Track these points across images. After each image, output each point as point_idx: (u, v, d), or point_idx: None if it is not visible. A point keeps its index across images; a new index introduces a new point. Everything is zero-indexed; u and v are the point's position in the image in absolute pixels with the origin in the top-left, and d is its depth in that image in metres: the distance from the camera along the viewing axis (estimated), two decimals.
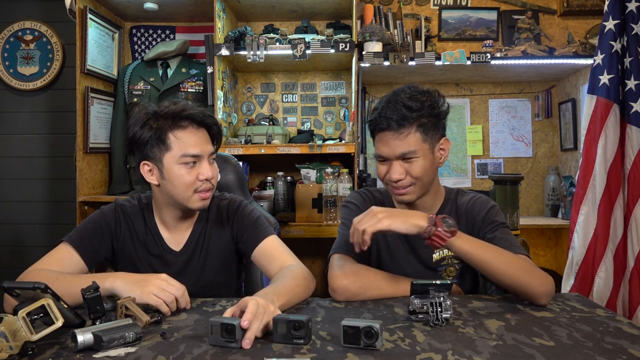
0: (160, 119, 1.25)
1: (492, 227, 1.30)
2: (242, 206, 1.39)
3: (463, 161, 3.19)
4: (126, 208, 1.37)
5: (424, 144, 1.26)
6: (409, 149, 1.24)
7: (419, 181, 1.27)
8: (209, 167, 1.27)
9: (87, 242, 1.28)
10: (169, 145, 1.24)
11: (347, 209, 1.41)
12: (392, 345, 0.88)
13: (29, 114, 3.20)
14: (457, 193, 1.40)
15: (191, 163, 1.25)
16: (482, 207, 1.34)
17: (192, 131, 1.26)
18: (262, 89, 3.22)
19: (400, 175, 1.25)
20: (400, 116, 1.23)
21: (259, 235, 1.33)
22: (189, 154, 1.24)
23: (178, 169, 1.25)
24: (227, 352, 0.85)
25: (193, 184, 1.25)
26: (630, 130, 2.05)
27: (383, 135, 1.27)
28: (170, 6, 2.90)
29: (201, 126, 1.29)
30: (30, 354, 0.84)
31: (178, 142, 1.24)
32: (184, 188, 1.25)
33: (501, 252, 1.17)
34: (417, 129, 1.25)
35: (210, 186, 1.28)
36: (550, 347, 0.87)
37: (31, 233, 3.19)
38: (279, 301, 1.03)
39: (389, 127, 1.24)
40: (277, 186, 2.87)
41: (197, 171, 1.26)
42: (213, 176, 1.28)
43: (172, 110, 1.26)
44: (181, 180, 1.25)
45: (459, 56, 2.66)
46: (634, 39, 2.04)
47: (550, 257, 2.97)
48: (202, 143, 1.27)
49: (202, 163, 1.27)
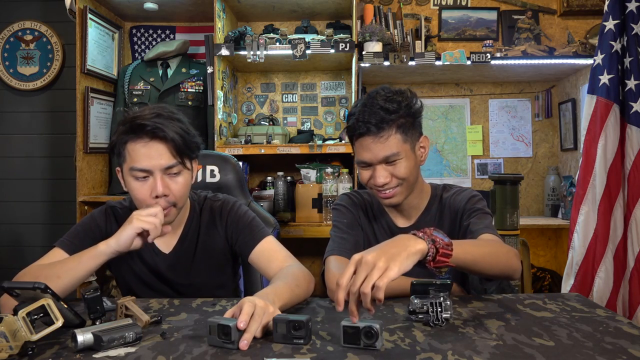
0: (122, 127, 1.20)
1: (470, 213, 1.30)
2: (236, 207, 1.37)
3: (463, 161, 3.19)
4: (117, 210, 1.36)
5: (405, 144, 1.26)
6: (391, 152, 1.24)
7: (405, 181, 1.27)
8: (162, 183, 1.18)
9: (79, 245, 1.26)
10: (124, 156, 1.20)
11: (337, 212, 1.42)
12: (392, 345, 0.88)
13: (29, 114, 3.20)
14: (442, 189, 1.41)
15: (141, 177, 1.19)
16: (464, 197, 1.35)
17: (142, 143, 1.17)
18: (262, 89, 3.23)
19: (385, 179, 1.25)
20: (379, 119, 1.22)
21: (255, 237, 1.31)
22: (136, 168, 1.18)
23: (131, 181, 1.20)
24: (227, 352, 0.85)
25: (145, 200, 1.19)
26: (630, 130, 2.05)
27: (363, 141, 1.25)
28: (170, 6, 2.90)
29: (154, 139, 1.17)
30: (30, 354, 0.84)
31: (129, 153, 1.19)
32: (138, 202, 1.22)
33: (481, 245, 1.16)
34: (397, 130, 1.24)
35: (164, 203, 1.19)
36: (550, 347, 0.87)
37: (31, 233, 3.19)
38: (279, 302, 1.02)
39: (369, 131, 1.23)
40: (277, 186, 2.87)
41: (149, 186, 1.19)
42: (170, 192, 1.19)
43: (129, 118, 1.20)
44: (134, 194, 1.21)
45: (459, 56, 2.66)
46: (634, 39, 2.04)
47: (550, 257, 2.97)
48: (154, 157, 1.17)
49: (154, 178, 1.18)
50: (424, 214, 1.38)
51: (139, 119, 1.17)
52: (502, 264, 1.13)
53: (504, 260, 1.14)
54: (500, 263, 1.13)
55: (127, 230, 1.11)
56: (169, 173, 1.20)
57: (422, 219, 1.37)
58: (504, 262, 1.14)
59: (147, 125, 1.16)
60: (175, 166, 1.20)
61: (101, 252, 1.12)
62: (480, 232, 1.23)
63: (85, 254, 1.13)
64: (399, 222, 1.39)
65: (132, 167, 1.18)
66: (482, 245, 1.16)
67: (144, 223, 1.11)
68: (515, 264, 1.15)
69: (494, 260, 1.12)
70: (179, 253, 1.35)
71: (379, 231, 1.40)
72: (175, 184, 1.21)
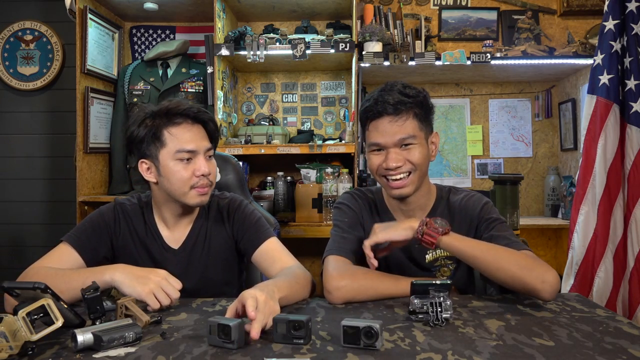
0: (155, 116, 1.26)
1: (487, 224, 1.28)
2: (243, 206, 1.39)
3: (463, 161, 3.19)
4: (126, 207, 1.37)
5: (420, 132, 1.25)
6: (407, 134, 1.22)
7: (418, 170, 1.25)
8: (205, 163, 1.26)
9: (86, 241, 1.28)
10: (164, 142, 1.25)
11: (338, 210, 1.39)
12: (392, 345, 0.88)
13: (29, 114, 3.20)
14: (449, 191, 1.39)
15: (186, 159, 1.25)
16: (476, 204, 1.32)
17: (187, 127, 1.26)
18: (262, 89, 3.22)
19: (398, 162, 1.23)
20: (398, 100, 1.22)
21: (260, 236, 1.33)
22: (184, 150, 1.24)
23: (174, 164, 1.25)
24: (227, 352, 0.85)
25: (189, 180, 1.25)
26: (630, 130, 2.05)
27: (379, 123, 1.24)
28: (170, 6, 2.90)
29: (196, 122, 1.28)
30: (30, 354, 0.84)
31: (172, 138, 1.25)
32: (181, 184, 1.25)
33: (495, 248, 1.16)
34: (414, 116, 1.24)
35: (207, 182, 1.27)
36: (550, 347, 0.87)
37: (31, 233, 3.19)
38: (279, 293, 1.04)
39: (385, 111, 1.22)
40: (277, 186, 2.87)
41: (193, 167, 1.25)
42: (210, 172, 1.28)
43: (167, 107, 1.26)
44: (177, 177, 1.25)
45: (459, 56, 2.66)
46: (634, 39, 2.04)
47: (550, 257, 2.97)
48: (197, 139, 1.27)
49: (198, 159, 1.26)
50: (430, 215, 1.34)
51: (180, 105, 1.26)
52: (513, 273, 1.10)
53: (518, 271, 1.10)
54: (510, 271, 1.10)
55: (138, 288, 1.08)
56: (207, 155, 1.29)
57: None
58: (515, 272, 1.10)
59: (190, 109, 1.26)
60: (211, 149, 1.31)
61: (105, 282, 1.11)
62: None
63: (90, 276, 1.11)
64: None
65: (180, 149, 1.24)
66: (491, 248, 1.15)
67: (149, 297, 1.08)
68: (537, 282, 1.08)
69: (502, 266, 1.11)
70: (188, 249, 1.35)
71: None
72: (212, 166, 1.30)
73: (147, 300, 1.07)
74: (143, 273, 1.12)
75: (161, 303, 1.08)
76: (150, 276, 1.11)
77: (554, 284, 1.10)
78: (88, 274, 1.13)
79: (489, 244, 1.20)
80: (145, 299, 1.07)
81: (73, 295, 1.08)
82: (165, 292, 1.10)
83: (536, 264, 1.12)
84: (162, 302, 1.08)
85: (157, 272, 1.13)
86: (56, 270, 1.17)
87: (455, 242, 1.14)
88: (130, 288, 1.09)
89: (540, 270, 1.10)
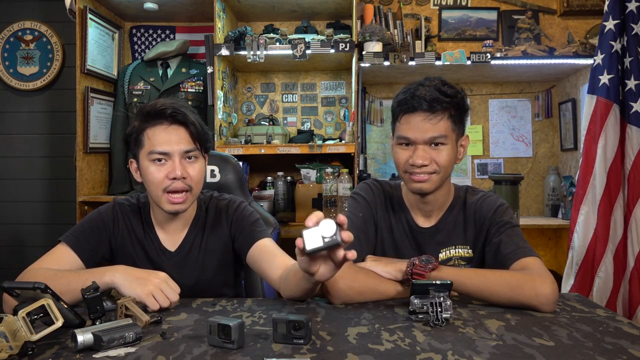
0: (138, 116, 1.26)
1: (497, 228, 1.26)
2: (242, 207, 1.39)
3: (463, 161, 3.19)
4: (125, 207, 1.36)
5: (453, 133, 1.23)
6: (439, 133, 1.20)
7: (443, 171, 1.23)
8: (180, 165, 1.22)
9: (84, 242, 1.27)
10: (142, 142, 1.24)
11: (354, 201, 1.36)
12: (392, 345, 0.88)
13: (29, 114, 3.20)
14: (466, 191, 1.36)
15: (160, 160, 1.23)
16: (489, 207, 1.30)
17: (163, 128, 1.23)
18: (262, 89, 3.23)
19: (425, 160, 1.21)
20: (435, 98, 1.20)
21: (255, 235, 1.32)
22: (155, 151, 1.22)
23: (148, 165, 1.24)
24: (227, 352, 0.85)
25: (161, 183, 1.22)
26: (630, 130, 2.05)
27: (411, 117, 1.22)
28: (170, 6, 2.90)
29: (174, 123, 1.24)
30: (30, 354, 0.84)
31: (149, 139, 1.23)
32: (154, 187, 1.24)
33: (483, 273, 1.15)
34: (449, 117, 1.22)
35: (182, 186, 1.23)
36: (550, 347, 0.87)
37: (31, 233, 3.19)
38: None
39: (420, 107, 1.20)
40: (277, 186, 2.87)
41: (166, 169, 1.23)
42: (188, 175, 1.23)
43: (146, 108, 1.25)
44: (150, 178, 1.24)
45: (459, 56, 2.66)
46: (634, 39, 2.04)
47: (550, 257, 2.97)
48: (173, 141, 1.23)
49: (172, 161, 1.23)
50: (446, 215, 1.33)
51: (158, 105, 1.23)
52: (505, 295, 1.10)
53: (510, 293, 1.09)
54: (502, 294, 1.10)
55: (137, 290, 1.08)
56: (187, 157, 1.25)
57: (443, 220, 1.33)
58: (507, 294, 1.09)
59: (167, 109, 1.22)
60: (193, 151, 1.25)
61: (105, 283, 1.11)
62: (515, 259, 1.18)
63: (90, 277, 1.11)
64: (420, 221, 1.34)
65: (152, 150, 1.22)
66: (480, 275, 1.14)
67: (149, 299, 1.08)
68: (533, 300, 1.07)
69: (494, 291, 1.11)
70: (184, 252, 1.35)
71: (397, 227, 1.34)
72: (192, 169, 1.25)
73: (146, 301, 1.07)
74: (143, 275, 1.12)
75: (160, 305, 1.08)
76: (150, 278, 1.11)
77: (549, 294, 1.07)
78: (88, 275, 1.13)
79: (477, 270, 1.20)
80: (145, 300, 1.07)
81: (73, 297, 1.08)
82: (165, 294, 1.10)
83: (526, 279, 1.10)
84: (161, 303, 1.08)
85: (157, 274, 1.13)
86: (55, 272, 1.17)
87: (444, 274, 1.13)
88: (130, 289, 1.09)
89: (531, 285, 1.08)
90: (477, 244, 1.32)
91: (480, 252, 1.32)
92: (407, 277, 1.14)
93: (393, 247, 1.35)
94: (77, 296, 1.03)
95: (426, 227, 1.34)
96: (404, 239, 1.34)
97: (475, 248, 1.32)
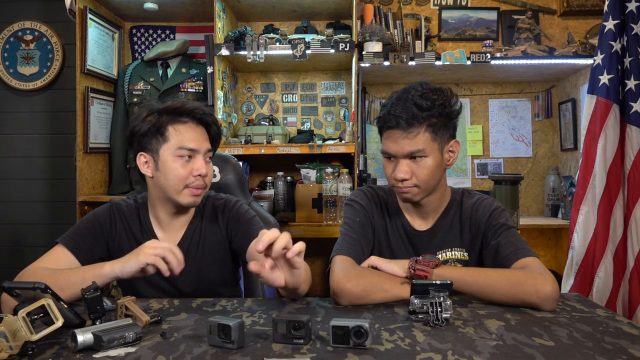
0: (162, 113, 1.28)
1: (494, 230, 1.27)
2: (237, 206, 1.40)
3: (463, 161, 3.19)
4: (121, 207, 1.37)
5: (433, 143, 1.24)
6: (416, 148, 1.22)
7: (424, 184, 1.25)
8: (204, 164, 1.28)
9: (81, 243, 1.28)
10: (167, 137, 1.27)
11: (350, 208, 1.38)
12: (392, 345, 0.88)
13: (29, 114, 3.20)
14: (462, 194, 1.37)
15: (186, 157, 1.26)
16: (485, 210, 1.31)
17: (191, 126, 1.29)
18: (262, 89, 3.23)
19: (405, 174, 1.23)
20: (410, 115, 1.21)
21: (252, 232, 1.32)
22: (185, 147, 1.26)
23: (173, 160, 1.26)
24: (227, 352, 0.85)
25: (186, 179, 1.26)
26: (630, 130, 2.05)
27: (391, 133, 1.24)
28: (170, 6, 2.90)
29: (200, 124, 1.30)
30: (30, 354, 0.84)
31: (176, 134, 1.26)
32: (176, 181, 1.26)
33: (484, 271, 1.16)
34: (427, 128, 1.22)
35: (202, 184, 1.28)
36: (550, 347, 0.87)
37: (31, 233, 3.19)
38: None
39: (398, 125, 1.22)
40: (277, 186, 2.87)
41: (191, 166, 1.27)
42: (207, 174, 1.29)
43: (173, 105, 1.29)
44: (174, 173, 1.26)
45: (459, 56, 2.66)
46: (634, 39, 2.04)
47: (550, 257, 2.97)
48: (200, 139, 1.29)
49: (197, 159, 1.28)
50: (442, 218, 1.34)
51: (187, 105, 1.29)
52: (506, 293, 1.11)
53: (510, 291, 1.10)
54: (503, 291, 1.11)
55: (132, 263, 1.09)
56: (207, 157, 1.31)
57: (439, 223, 1.34)
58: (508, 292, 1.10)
59: (196, 110, 1.29)
60: (211, 151, 1.33)
61: (104, 274, 1.10)
62: (515, 260, 1.20)
63: (89, 271, 1.11)
64: (416, 224, 1.36)
65: (182, 146, 1.26)
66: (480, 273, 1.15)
67: (149, 257, 1.08)
68: (533, 297, 1.08)
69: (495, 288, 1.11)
70: (183, 251, 1.34)
71: (393, 231, 1.36)
72: (210, 169, 1.32)
73: (147, 259, 1.07)
74: (135, 249, 1.12)
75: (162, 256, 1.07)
76: (140, 247, 1.11)
77: (550, 291, 1.08)
78: (87, 269, 1.13)
79: (479, 268, 1.21)
80: (146, 259, 1.07)
81: (73, 292, 1.08)
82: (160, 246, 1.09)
83: (527, 277, 1.11)
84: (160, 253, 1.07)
85: (146, 243, 1.12)
86: (53, 270, 1.17)
87: (446, 272, 1.15)
88: (132, 262, 1.08)
89: (532, 282, 1.09)
90: (473, 247, 1.33)
91: (476, 255, 1.33)
92: (411, 272, 1.16)
93: (389, 251, 1.36)
94: (77, 291, 1.03)
95: (422, 230, 1.35)
96: (400, 242, 1.35)
97: (471, 251, 1.33)
